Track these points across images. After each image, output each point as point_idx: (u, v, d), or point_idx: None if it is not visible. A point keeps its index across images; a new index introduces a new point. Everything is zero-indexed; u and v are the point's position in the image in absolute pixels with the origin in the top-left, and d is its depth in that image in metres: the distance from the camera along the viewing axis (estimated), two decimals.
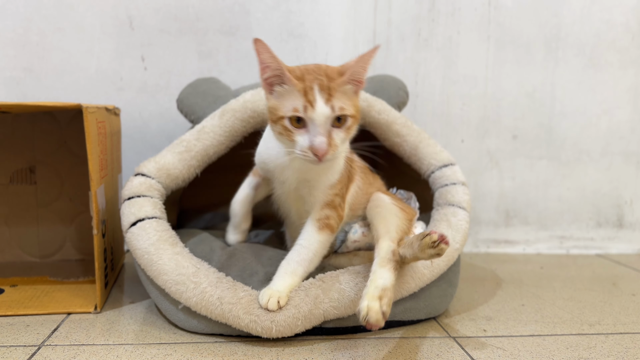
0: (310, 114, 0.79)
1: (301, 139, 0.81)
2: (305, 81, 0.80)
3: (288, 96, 0.81)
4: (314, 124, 0.80)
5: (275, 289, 0.88)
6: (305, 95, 0.79)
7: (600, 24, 1.57)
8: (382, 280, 0.83)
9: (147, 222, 0.98)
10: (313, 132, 0.80)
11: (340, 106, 0.80)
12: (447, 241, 0.82)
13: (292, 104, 0.80)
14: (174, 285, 0.91)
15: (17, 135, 1.32)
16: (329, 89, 0.80)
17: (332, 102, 0.80)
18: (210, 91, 1.18)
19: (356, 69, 0.82)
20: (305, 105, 0.79)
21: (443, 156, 1.16)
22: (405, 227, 0.96)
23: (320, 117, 0.79)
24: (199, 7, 1.45)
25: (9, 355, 0.83)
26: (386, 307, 0.79)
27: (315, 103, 0.79)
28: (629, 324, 1.03)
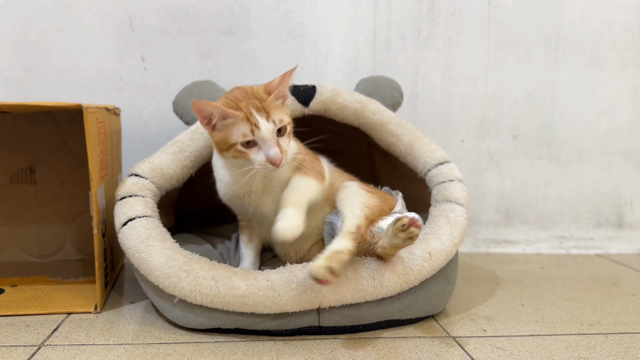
0: (258, 134, 0.90)
1: (257, 156, 0.91)
2: (243, 109, 0.91)
3: (232, 126, 0.91)
4: (263, 140, 0.90)
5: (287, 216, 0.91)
6: (248, 121, 0.90)
7: (600, 24, 1.57)
8: (336, 245, 0.88)
9: (137, 221, 0.98)
10: (265, 147, 0.91)
11: (279, 119, 0.92)
12: (418, 224, 0.86)
13: (240, 131, 0.90)
14: (166, 279, 0.91)
15: (17, 135, 1.32)
16: (264, 108, 0.91)
17: (271, 117, 0.91)
18: (206, 93, 1.18)
19: (280, 88, 0.94)
20: (252, 129, 0.90)
21: (438, 154, 1.16)
22: (372, 203, 0.99)
23: (267, 133, 0.90)
24: (199, 7, 1.45)
25: (9, 355, 0.83)
26: (335, 264, 0.83)
27: (259, 123, 0.90)
28: (629, 324, 1.03)
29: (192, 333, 0.93)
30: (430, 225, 1.05)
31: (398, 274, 0.94)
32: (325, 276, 0.83)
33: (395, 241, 0.89)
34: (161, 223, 1.02)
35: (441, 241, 1.00)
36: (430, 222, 1.06)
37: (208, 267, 0.92)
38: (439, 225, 1.04)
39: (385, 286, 0.93)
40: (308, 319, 0.92)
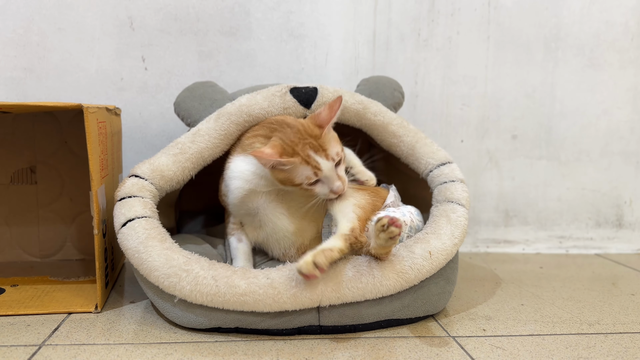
0: (321, 175, 0.95)
1: (322, 190, 0.97)
2: (300, 153, 0.94)
3: (294, 169, 0.95)
4: (326, 177, 0.95)
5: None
6: (308, 164, 0.94)
7: (600, 24, 1.57)
8: (326, 243, 0.90)
9: (137, 222, 0.98)
10: (328, 182, 0.96)
11: (335, 152, 0.96)
12: (398, 224, 0.86)
13: (304, 174, 0.95)
14: (166, 279, 0.91)
15: (17, 135, 1.32)
16: (321, 146, 0.95)
17: (328, 154, 0.95)
18: (207, 95, 1.18)
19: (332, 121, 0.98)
20: (314, 172, 0.94)
21: (440, 155, 1.16)
22: (364, 202, 1.01)
23: (328, 171, 0.95)
24: (199, 7, 1.45)
25: (10, 355, 0.84)
26: (321, 259, 0.85)
27: (320, 165, 0.94)
28: (629, 323, 1.03)
29: (192, 333, 0.93)
30: (431, 224, 1.05)
31: (398, 272, 0.94)
32: (310, 270, 0.84)
33: (378, 242, 0.89)
34: (161, 224, 1.02)
35: (442, 241, 1.01)
36: (431, 221, 1.06)
37: (208, 266, 0.92)
38: (439, 225, 1.04)
39: (385, 285, 0.93)
40: (308, 318, 0.92)
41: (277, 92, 1.12)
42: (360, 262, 0.94)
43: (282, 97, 1.11)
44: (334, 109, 0.98)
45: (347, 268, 0.92)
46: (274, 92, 1.12)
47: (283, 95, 1.12)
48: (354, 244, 0.92)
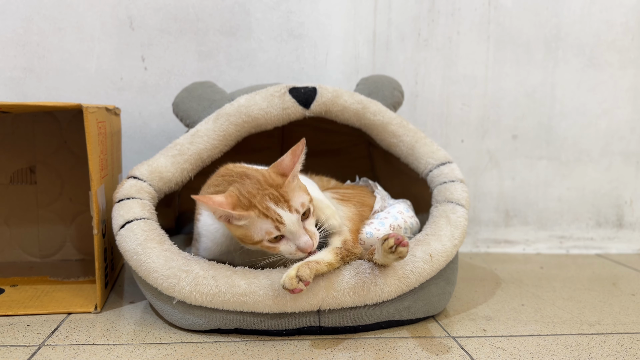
0: (283, 229, 0.85)
1: (286, 247, 0.87)
2: (257, 205, 0.84)
3: (252, 225, 0.86)
4: (292, 233, 0.86)
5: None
6: (268, 217, 0.84)
7: (600, 24, 1.57)
8: (315, 256, 0.88)
9: (135, 224, 0.98)
10: (294, 238, 0.86)
11: (300, 203, 0.86)
12: (404, 243, 0.85)
13: (263, 229, 0.85)
14: (165, 281, 0.91)
15: (17, 135, 1.32)
16: (283, 197, 0.85)
17: (292, 205, 0.85)
18: (206, 95, 1.18)
19: (296, 168, 0.87)
20: (276, 226, 0.85)
21: (440, 155, 1.16)
22: (350, 214, 1.00)
23: (293, 225, 0.85)
24: (199, 7, 1.45)
25: (9, 355, 0.84)
26: (304, 273, 0.83)
27: (282, 218, 0.84)
28: (629, 324, 1.03)
29: (192, 333, 0.93)
30: (430, 225, 1.05)
31: (399, 278, 0.94)
32: (293, 285, 0.82)
33: (387, 260, 0.89)
34: (159, 225, 1.02)
35: (442, 242, 1.00)
36: (431, 222, 1.06)
37: (207, 266, 0.92)
38: (439, 226, 1.04)
39: (386, 291, 0.93)
40: (308, 319, 0.92)
41: (276, 93, 1.12)
42: (363, 269, 0.93)
43: (281, 97, 1.11)
44: (297, 153, 0.88)
45: (350, 275, 0.92)
46: (273, 92, 1.12)
47: (282, 96, 1.11)
48: (347, 257, 0.91)
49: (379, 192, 1.13)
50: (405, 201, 1.14)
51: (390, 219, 1.03)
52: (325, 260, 0.88)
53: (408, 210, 1.09)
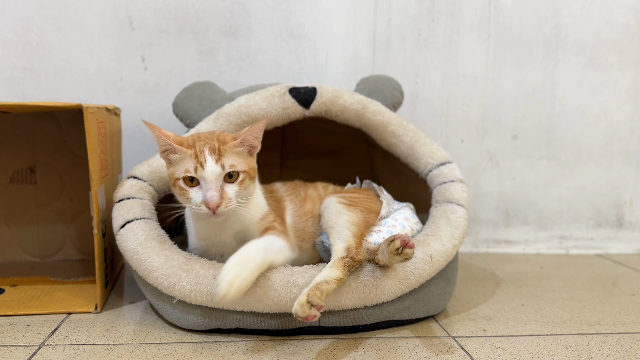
0: (200, 173, 0.88)
1: (195, 195, 0.89)
2: (196, 147, 0.90)
3: (181, 161, 0.90)
4: (205, 181, 0.88)
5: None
6: (196, 158, 0.88)
7: (600, 24, 1.57)
8: (320, 277, 0.86)
9: (135, 223, 0.98)
10: (205, 188, 0.88)
11: (230, 164, 0.89)
12: (410, 245, 0.85)
13: (185, 166, 0.89)
14: (165, 280, 0.91)
15: (17, 135, 1.32)
16: (219, 150, 0.90)
17: (222, 161, 0.89)
18: (206, 95, 1.18)
19: (247, 136, 0.92)
20: (195, 167, 0.88)
21: (440, 155, 1.16)
22: (357, 219, 0.98)
23: (211, 174, 0.88)
24: (199, 7, 1.45)
25: (9, 355, 0.84)
26: (316, 298, 0.81)
27: (205, 163, 0.88)
28: (629, 324, 1.03)
29: (192, 333, 0.93)
30: (430, 226, 1.05)
31: (400, 280, 0.94)
32: (306, 312, 0.80)
33: (392, 261, 0.89)
34: (159, 225, 1.02)
35: (442, 243, 1.00)
36: (431, 222, 1.06)
37: (208, 266, 0.92)
38: (439, 227, 1.04)
39: (387, 293, 0.93)
40: None
41: (276, 93, 1.12)
42: (364, 272, 0.92)
43: (281, 97, 1.11)
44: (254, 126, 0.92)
45: (350, 279, 0.91)
46: (273, 92, 1.12)
47: (282, 96, 1.11)
48: (352, 266, 0.90)
49: (385, 197, 1.12)
50: (409, 205, 1.13)
51: (398, 228, 1.02)
52: (333, 278, 0.86)
53: (413, 216, 1.09)
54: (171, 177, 0.92)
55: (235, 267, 0.84)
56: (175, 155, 0.90)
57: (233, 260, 0.85)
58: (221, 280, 0.82)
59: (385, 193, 1.13)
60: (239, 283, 0.82)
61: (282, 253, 0.94)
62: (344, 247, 0.92)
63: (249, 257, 0.87)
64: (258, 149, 0.95)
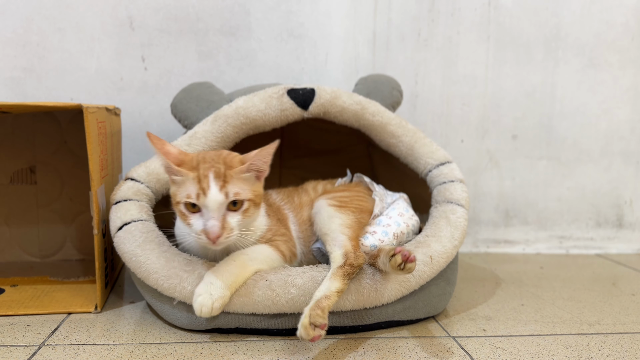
0: (202, 200, 0.84)
1: (196, 223, 0.85)
2: (200, 170, 0.85)
3: (183, 184, 0.86)
4: (207, 209, 0.84)
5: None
6: (200, 183, 0.84)
7: (600, 24, 1.57)
8: (320, 292, 0.84)
9: (133, 225, 0.98)
10: (206, 217, 0.84)
11: (235, 192, 0.85)
12: (412, 258, 0.84)
13: (187, 191, 0.85)
14: (166, 281, 0.91)
15: (17, 135, 1.32)
16: (225, 176, 0.85)
17: (226, 188, 0.84)
18: (204, 96, 1.17)
19: (255, 161, 0.87)
20: (198, 193, 0.84)
21: (439, 154, 1.16)
22: (349, 221, 0.97)
23: (213, 203, 0.83)
24: (199, 7, 1.45)
25: (10, 355, 0.84)
26: (318, 318, 0.79)
27: (209, 190, 0.83)
28: (629, 323, 1.03)
29: (192, 333, 0.93)
30: (430, 226, 1.05)
31: (400, 282, 0.94)
32: (310, 335, 0.78)
33: (394, 274, 0.89)
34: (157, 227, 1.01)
35: (442, 244, 1.00)
36: (431, 223, 1.06)
37: (209, 266, 0.92)
38: (439, 227, 1.04)
39: (387, 295, 0.93)
40: None
41: (274, 94, 1.11)
42: (364, 275, 0.92)
43: (279, 98, 1.11)
44: (264, 151, 0.87)
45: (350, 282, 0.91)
46: (271, 93, 1.11)
47: (280, 97, 1.11)
48: (352, 273, 0.88)
49: (377, 192, 1.09)
50: (402, 195, 1.12)
51: (393, 227, 1.01)
52: (333, 291, 0.84)
53: (408, 210, 1.08)
54: (173, 197, 0.89)
55: (208, 287, 0.85)
56: (177, 176, 0.87)
57: (207, 279, 0.86)
58: (194, 300, 0.85)
59: (377, 187, 1.11)
60: (209, 306, 0.84)
61: (267, 261, 0.93)
62: (341, 253, 0.90)
63: (223, 274, 0.87)
64: (266, 173, 0.91)
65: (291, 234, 1.02)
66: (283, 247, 0.96)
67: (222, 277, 0.87)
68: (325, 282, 0.86)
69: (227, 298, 0.87)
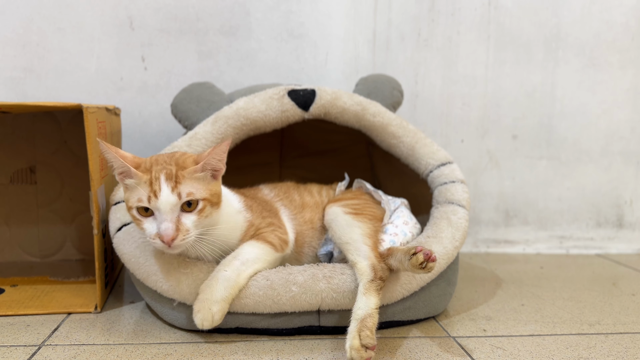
0: (154, 203, 0.82)
1: (149, 226, 0.84)
2: (152, 172, 0.84)
3: (135, 189, 0.84)
4: (159, 211, 0.82)
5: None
6: (151, 186, 0.82)
7: (600, 24, 1.57)
8: (361, 310, 0.83)
9: (132, 226, 0.98)
10: (159, 219, 0.82)
11: (188, 192, 0.83)
12: (433, 258, 0.83)
13: (138, 195, 0.83)
14: (165, 283, 0.91)
15: (17, 135, 1.32)
16: (177, 176, 0.83)
17: (178, 189, 0.82)
18: (204, 96, 1.17)
19: (209, 159, 0.85)
20: (149, 196, 0.82)
21: (440, 155, 1.16)
22: (369, 230, 0.96)
23: (165, 205, 0.82)
24: (199, 7, 1.45)
25: (10, 355, 0.84)
26: (369, 340, 0.79)
27: (160, 192, 0.82)
28: (629, 324, 1.03)
29: (192, 333, 0.93)
30: (432, 227, 1.05)
31: (401, 284, 0.94)
32: (363, 357, 0.78)
33: (413, 272, 0.88)
34: None
35: (443, 245, 1.00)
36: (432, 224, 1.06)
37: (207, 269, 0.92)
38: (440, 228, 1.04)
39: (387, 297, 0.93)
40: (308, 319, 0.92)
41: (274, 95, 1.11)
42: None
43: (279, 99, 1.11)
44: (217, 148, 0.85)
45: (351, 280, 0.91)
46: (272, 94, 1.11)
47: (281, 98, 1.11)
48: (383, 287, 0.87)
49: (384, 202, 1.08)
50: (403, 201, 1.12)
51: (400, 236, 1.01)
52: (374, 308, 0.83)
53: (411, 217, 1.08)
54: (126, 202, 0.87)
55: (204, 303, 0.85)
56: (131, 180, 0.84)
57: (202, 295, 0.86)
58: (194, 316, 0.85)
59: (381, 195, 1.11)
60: (210, 320, 0.85)
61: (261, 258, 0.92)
62: (368, 265, 0.89)
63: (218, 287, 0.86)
64: (223, 171, 0.89)
65: (281, 221, 1.00)
66: (271, 237, 0.94)
67: (217, 291, 0.86)
68: (360, 298, 0.85)
69: (226, 308, 0.87)
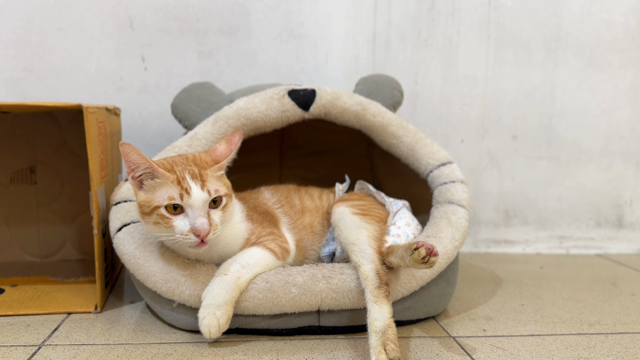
0: (187, 200, 0.84)
1: (181, 223, 0.85)
2: (176, 172, 0.86)
3: (160, 187, 0.85)
4: (192, 208, 0.85)
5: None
6: (180, 184, 0.84)
7: (600, 24, 1.57)
8: (379, 321, 0.82)
9: (132, 227, 0.98)
10: (192, 216, 0.84)
11: (215, 189, 0.87)
12: (435, 252, 0.83)
13: (167, 193, 0.84)
14: (164, 285, 0.91)
15: (17, 135, 1.32)
16: (201, 175, 0.87)
17: (207, 187, 0.86)
18: (205, 96, 1.16)
19: (227, 160, 0.90)
20: (181, 193, 0.84)
21: (440, 155, 1.16)
22: (375, 232, 0.96)
23: (198, 201, 0.84)
24: (199, 7, 1.45)
25: (10, 355, 0.84)
26: (395, 353, 0.78)
27: (191, 190, 0.84)
28: (629, 323, 1.03)
29: (192, 333, 0.93)
30: (432, 227, 1.05)
31: (401, 283, 0.94)
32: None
33: (414, 268, 0.88)
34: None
35: (443, 244, 1.00)
36: (432, 224, 1.06)
37: (206, 270, 0.92)
38: (440, 228, 1.04)
39: None
40: (308, 319, 0.92)
41: (275, 95, 1.11)
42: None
43: (280, 99, 1.11)
44: (233, 143, 0.91)
45: (351, 279, 0.91)
46: (272, 95, 1.11)
47: (281, 98, 1.11)
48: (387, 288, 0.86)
49: (387, 204, 1.08)
50: (405, 203, 1.12)
51: (402, 237, 1.00)
52: (389, 317, 0.82)
53: (413, 219, 1.07)
54: (146, 204, 0.86)
55: (209, 309, 0.85)
56: (155, 180, 0.85)
57: (206, 301, 0.86)
58: (200, 324, 0.85)
59: (385, 197, 1.10)
60: (216, 325, 0.84)
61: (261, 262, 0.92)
62: (372, 269, 0.88)
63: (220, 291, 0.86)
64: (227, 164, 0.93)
65: (281, 232, 1.01)
66: (272, 244, 0.96)
67: (220, 295, 0.86)
68: (373, 307, 0.84)
69: (231, 312, 0.87)
